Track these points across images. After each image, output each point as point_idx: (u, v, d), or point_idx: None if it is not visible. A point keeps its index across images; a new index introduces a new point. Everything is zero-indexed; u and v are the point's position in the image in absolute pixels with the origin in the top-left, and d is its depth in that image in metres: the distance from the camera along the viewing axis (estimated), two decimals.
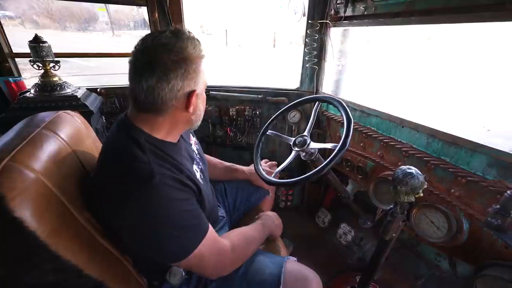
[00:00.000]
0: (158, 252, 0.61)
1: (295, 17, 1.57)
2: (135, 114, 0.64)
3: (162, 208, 0.57)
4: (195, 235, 0.62)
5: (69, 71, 6.84)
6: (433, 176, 0.97)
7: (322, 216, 1.61)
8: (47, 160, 0.57)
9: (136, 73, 0.59)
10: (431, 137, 0.96)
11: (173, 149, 0.67)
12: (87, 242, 0.59)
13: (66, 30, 15.67)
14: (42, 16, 15.72)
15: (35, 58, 1.02)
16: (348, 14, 1.23)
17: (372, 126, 1.21)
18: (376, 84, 2.99)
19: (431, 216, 0.95)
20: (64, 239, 0.53)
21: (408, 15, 0.99)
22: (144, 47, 0.59)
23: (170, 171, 0.61)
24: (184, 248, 0.61)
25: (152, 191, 0.56)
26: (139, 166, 0.57)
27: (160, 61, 0.57)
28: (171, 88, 0.59)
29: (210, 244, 0.65)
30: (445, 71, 3.89)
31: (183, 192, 0.62)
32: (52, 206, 0.53)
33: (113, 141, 0.67)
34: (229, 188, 1.13)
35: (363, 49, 1.86)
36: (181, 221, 0.60)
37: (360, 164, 1.27)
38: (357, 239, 1.47)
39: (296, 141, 1.02)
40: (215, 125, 1.64)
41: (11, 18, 15.73)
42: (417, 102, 2.89)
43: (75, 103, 1.05)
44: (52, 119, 0.70)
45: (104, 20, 15.71)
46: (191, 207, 0.64)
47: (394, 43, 4.12)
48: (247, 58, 10.74)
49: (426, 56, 4.27)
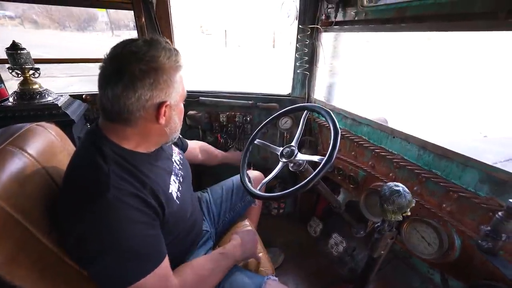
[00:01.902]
0: (96, 273, 0.55)
1: (288, 20, 1.54)
2: (104, 124, 0.61)
3: (113, 227, 0.52)
4: (143, 265, 0.56)
5: (68, 71, 6.82)
6: (425, 189, 0.94)
7: (314, 225, 1.58)
8: (7, 180, 0.54)
9: (104, 81, 0.57)
10: (422, 149, 0.92)
11: (143, 160, 0.64)
12: (51, 266, 0.56)
13: (66, 30, 15.68)
14: (42, 16, 15.72)
15: (13, 66, 0.99)
16: (339, 19, 1.20)
17: (363, 135, 1.17)
18: (371, 88, 2.96)
19: (422, 231, 0.92)
20: (22, 267, 0.49)
21: (399, 21, 0.95)
22: (114, 54, 0.57)
23: (131, 185, 0.57)
24: (124, 278, 0.55)
25: (105, 206, 0.52)
26: (96, 178, 0.54)
27: (127, 70, 0.55)
28: (138, 98, 0.56)
29: (158, 280, 0.58)
30: (444, 74, 3.85)
31: (141, 213, 0.57)
32: (8, 232, 0.49)
33: (78, 151, 0.64)
34: (213, 199, 1.10)
35: (359, 50, 1.83)
36: (131, 247, 0.54)
37: (351, 173, 1.24)
38: (349, 249, 1.43)
39: (284, 151, 0.99)
40: (205, 131, 1.61)
41: (11, 18, 15.75)
42: (415, 106, 2.85)
43: (55, 111, 1.02)
44: (20, 134, 0.66)
45: (104, 20, 15.70)
46: (147, 232, 0.58)
47: (394, 43, 4.09)
48: (246, 59, 10.72)
49: (426, 58, 4.22)
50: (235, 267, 0.82)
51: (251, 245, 0.86)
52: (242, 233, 0.88)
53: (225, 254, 0.78)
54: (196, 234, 0.87)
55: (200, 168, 1.50)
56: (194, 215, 0.85)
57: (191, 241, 0.85)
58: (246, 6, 15.14)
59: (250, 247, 0.85)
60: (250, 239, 0.87)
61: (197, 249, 0.87)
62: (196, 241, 0.88)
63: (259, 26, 15.69)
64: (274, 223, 1.68)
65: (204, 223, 0.98)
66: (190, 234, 0.83)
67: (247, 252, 0.84)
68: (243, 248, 0.83)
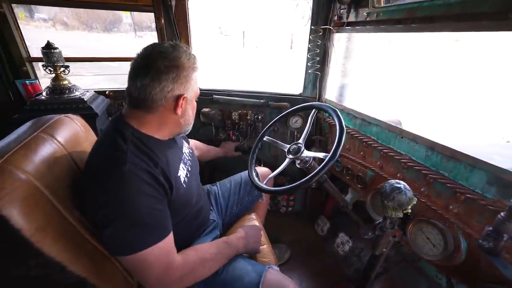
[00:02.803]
0: (107, 238, 0.61)
1: (302, 21, 1.56)
2: (127, 111, 0.71)
3: (126, 195, 0.59)
4: (148, 236, 0.62)
5: (94, 70, 7.21)
6: (432, 191, 0.93)
7: (321, 224, 1.59)
8: (40, 162, 0.62)
9: (134, 74, 0.67)
10: (430, 150, 0.92)
11: (158, 145, 0.72)
12: (74, 240, 0.63)
13: (92, 31, 16.53)
14: (72, 18, 16.69)
15: (47, 63, 1.10)
16: (351, 19, 1.21)
17: (372, 135, 1.17)
18: (389, 90, 2.89)
19: (427, 232, 0.91)
20: (49, 237, 0.56)
21: (410, 22, 0.96)
22: (145, 53, 0.68)
23: (145, 163, 0.64)
24: (131, 245, 0.60)
25: (120, 177, 0.59)
26: (115, 154, 0.62)
27: (154, 65, 0.65)
28: (162, 88, 0.66)
29: (161, 254, 0.64)
30: (471, 77, 3.67)
31: (152, 188, 0.64)
32: (40, 206, 0.56)
33: (102, 134, 0.73)
34: (222, 191, 1.15)
35: (379, 51, 1.81)
36: (139, 216, 0.61)
37: (360, 173, 1.24)
38: (356, 250, 1.43)
39: (290, 148, 1.01)
40: (218, 128, 1.67)
41: (44, 20, 16.85)
42: (436, 110, 2.76)
43: (82, 105, 1.12)
44: (51, 123, 0.75)
45: (128, 22, 16.40)
46: (155, 206, 0.64)
47: (417, 44, 3.96)
48: (263, 60, 10.76)
49: (452, 60, 4.04)
50: (240, 255, 0.86)
51: (254, 240, 0.90)
52: (247, 227, 0.92)
53: (229, 243, 0.82)
54: (202, 221, 0.92)
55: (213, 164, 1.56)
56: (200, 202, 0.90)
57: (197, 226, 0.90)
58: (264, 7, 15.24)
59: (253, 242, 0.89)
60: (254, 233, 0.91)
61: (203, 236, 0.92)
62: (202, 228, 0.93)
63: (277, 28, 15.71)
64: (282, 220, 1.70)
65: (211, 213, 1.03)
66: (197, 219, 0.88)
67: (250, 245, 0.88)
68: (246, 242, 0.87)
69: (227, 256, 0.81)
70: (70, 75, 1.23)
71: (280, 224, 1.66)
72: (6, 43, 1.22)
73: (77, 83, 1.32)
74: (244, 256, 0.88)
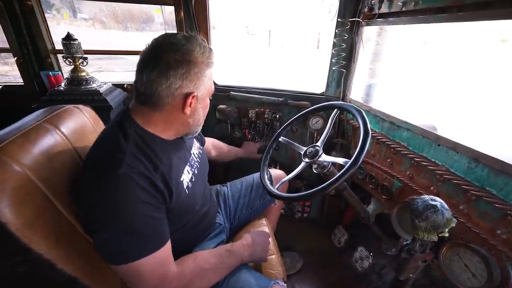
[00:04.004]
0: (100, 246, 0.58)
1: (329, 16, 1.45)
2: (134, 106, 0.66)
3: (119, 200, 0.54)
4: (142, 245, 0.57)
5: (125, 67, 7.59)
6: (473, 210, 0.78)
7: (338, 235, 1.46)
8: (38, 153, 0.59)
9: (142, 66, 0.61)
10: (474, 161, 0.77)
11: (162, 146, 0.66)
12: (67, 237, 0.60)
13: (127, 30, 17.46)
14: (109, 17, 17.77)
15: (67, 54, 1.12)
16: (383, 11, 1.08)
17: (402, 141, 1.04)
18: (426, 92, 2.64)
19: (466, 259, 0.77)
20: (38, 232, 0.53)
21: (456, 10, 0.81)
22: (155, 44, 0.62)
23: (143, 166, 0.59)
24: (123, 254, 0.56)
25: (114, 179, 0.55)
26: (113, 154, 0.58)
27: (164, 58, 0.59)
28: (169, 85, 0.59)
29: (156, 264, 0.58)
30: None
31: (148, 194, 0.58)
32: (30, 200, 0.53)
33: (106, 128, 0.69)
34: (231, 193, 1.08)
35: (414, 51, 1.65)
36: (133, 223, 0.56)
37: (385, 182, 1.11)
38: (377, 267, 1.29)
39: (307, 151, 0.92)
40: (234, 126, 1.61)
41: (85, 19, 18.15)
42: (479, 117, 2.48)
43: (97, 97, 1.12)
44: (57, 113, 0.73)
45: (159, 21, 17.08)
46: (151, 214, 0.59)
47: (457, 44, 3.60)
48: (288, 59, 10.60)
49: (498, 62, 3.62)
50: (244, 265, 0.79)
51: (261, 248, 0.82)
52: (254, 234, 0.85)
53: (232, 252, 0.76)
54: (207, 225, 0.86)
55: (227, 162, 1.51)
56: (206, 207, 0.84)
57: (201, 231, 0.84)
58: (292, 5, 15.00)
59: (260, 250, 0.81)
60: (261, 241, 0.83)
61: (207, 241, 0.87)
62: (207, 232, 0.87)
63: (304, 27, 15.42)
64: (296, 227, 1.60)
65: (218, 216, 0.97)
66: (199, 226, 0.82)
67: (256, 254, 0.80)
68: (252, 250, 0.79)
69: (229, 267, 0.74)
70: (103, 71, 1.25)
71: (294, 231, 1.56)
72: (33, 36, 1.26)
73: (110, 78, 1.37)
74: (249, 267, 0.81)
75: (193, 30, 1.40)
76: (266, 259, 0.84)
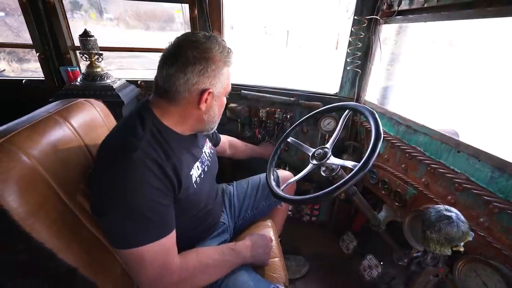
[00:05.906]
0: (107, 228, 0.60)
1: (346, 14, 1.41)
2: (153, 99, 0.68)
3: (130, 183, 0.56)
4: (147, 231, 0.58)
5: (146, 65, 7.83)
6: (495, 223, 0.72)
7: (347, 241, 1.41)
8: (46, 144, 0.61)
9: (163, 61, 0.64)
10: (498, 170, 0.71)
11: (176, 139, 0.68)
12: (69, 227, 0.61)
13: (149, 30, 18.02)
14: (132, 17, 18.42)
15: (83, 50, 1.16)
16: (403, 7, 1.02)
17: (418, 146, 0.98)
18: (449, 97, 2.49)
19: (484, 276, 0.71)
20: (41, 221, 0.54)
21: (485, 4, 0.75)
22: (177, 41, 0.65)
23: (157, 153, 0.61)
24: (127, 238, 0.57)
25: (128, 162, 0.56)
26: (130, 139, 0.60)
27: (183, 54, 0.62)
28: (186, 80, 0.62)
29: (159, 252, 0.59)
30: None
31: (159, 181, 0.59)
32: (35, 189, 0.55)
33: (125, 116, 0.71)
34: (237, 192, 1.07)
35: (438, 52, 1.56)
36: (141, 207, 0.56)
37: (398, 189, 1.05)
38: (387, 277, 1.23)
39: (315, 153, 0.90)
40: (244, 125, 1.59)
41: (110, 19, 18.95)
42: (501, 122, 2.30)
43: (110, 92, 1.15)
44: (67, 106, 0.75)
45: (180, 21, 17.49)
46: (159, 200, 0.59)
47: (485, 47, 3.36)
48: (305, 60, 10.46)
49: None
50: (244, 266, 0.78)
51: (263, 251, 0.82)
52: (256, 236, 0.84)
53: (235, 250, 0.76)
54: (210, 224, 0.86)
55: (235, 161, 1.50)
56: (210, 205, 0.84)
57: (202, 230, 0.84)
58: (310, 6, 14.80)
59: (261, 253, 0.81)
60: (263, 244, 0.83)
61: (210, 239, 0.86)
62: (209, 232, 0.87)
63: (322, 28, 15.18)
64: (303, 230, 1.57)
65: (222, 215, 0.96)
66: (202, 223, 0.82)
67: (258, 256, 0.80)
68: (254, 252, 0.79)
69: (231, 265, 0.74)
70: (124, 68, 1.30)
71: (301, 234, 1.52)
72: (54, 33, 1.32)
73: (130, 76, 1.44)
74: (250, 269, 0.79)
75: (206, 28, 1.40)
76: (268, 263, 0.83)
